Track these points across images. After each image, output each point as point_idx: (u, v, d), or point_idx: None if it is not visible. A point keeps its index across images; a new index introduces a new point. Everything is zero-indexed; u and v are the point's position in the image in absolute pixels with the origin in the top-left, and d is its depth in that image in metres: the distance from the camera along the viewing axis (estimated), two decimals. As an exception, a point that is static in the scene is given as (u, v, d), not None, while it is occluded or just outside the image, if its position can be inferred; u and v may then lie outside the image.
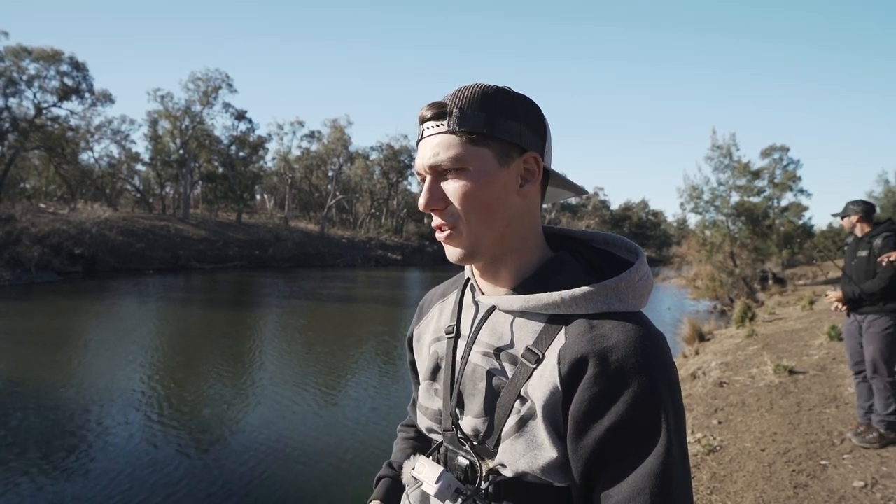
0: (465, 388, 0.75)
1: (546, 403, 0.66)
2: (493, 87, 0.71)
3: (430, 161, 0.70)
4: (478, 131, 0.69)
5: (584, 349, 0.65)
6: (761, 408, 4.57)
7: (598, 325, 0.67)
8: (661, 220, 69.30)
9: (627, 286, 0.69)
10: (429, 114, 0.72)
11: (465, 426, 0.74)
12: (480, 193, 0.69)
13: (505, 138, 0.70)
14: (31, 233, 22.16)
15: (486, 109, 0.69)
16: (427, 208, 0.72)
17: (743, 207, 19.28)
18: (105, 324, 12.73)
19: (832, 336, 6.87)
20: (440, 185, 0.71)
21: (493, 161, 0.69)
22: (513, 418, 0.69)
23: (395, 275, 32.02)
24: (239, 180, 38.59)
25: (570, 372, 0.65)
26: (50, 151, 31.55)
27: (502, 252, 0.74)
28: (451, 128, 0.69)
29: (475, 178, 0.69)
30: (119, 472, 4.95)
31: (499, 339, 0.74)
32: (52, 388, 7.37)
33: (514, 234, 0.73)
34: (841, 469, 3.27)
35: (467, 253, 0.72)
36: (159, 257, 27.56)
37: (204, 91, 37.14)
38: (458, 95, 0.71)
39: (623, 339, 0.65)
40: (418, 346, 0.92)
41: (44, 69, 29.38)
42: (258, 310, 16.48)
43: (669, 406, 0.63)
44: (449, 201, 0.71)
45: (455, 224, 0.71)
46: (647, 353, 0.64)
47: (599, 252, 0.79)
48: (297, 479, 4.95)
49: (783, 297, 16.29)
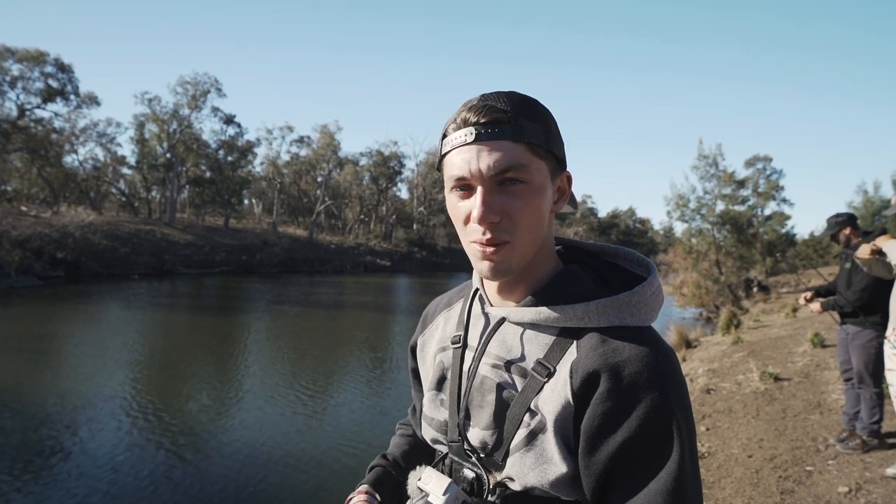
0: (472, 400, 0.75)
1: (557, 418, 0.65)
2: (534, 99, 0.69)
3: (495, 168, 0.65)
4: (541, 144, 0.66)
5: (597, 363, 0.64)
6: (748, 414, 4.62)
7: (611, 340, 0.66)
8: (648, 227, 69.96)
9: (640, 301, 0.69)
10: (484, 118, 0.65)
11: (472, 438, 0.73)
12: (537, 209, 0.67)
13: (557, 154, 0.69)
14: (11, 236, 21.72)
15: (542, 122, 0.67)
16: (484, 221, 0.66)
17: (728, 216, 19.56)
18: (88, 329, 12.50)
19: (815, 343, 6.98)
20: (497, 196, 0.66)
21: (547, 175, 0.68)
22: (522, 431, 0.68)
23: (383, 281, 31.91)
24: (227, 185, 38.26)
25: (583, 386, 0.64)
26: (33, 154, 31.00)
27: (527, 267, 0.73)
28: (515, 136, 0.65)
29: (536, 192, 0.67)
30: (102, 480, 4.85)
31: (508, 352, 0.73)
32: (33, 395, 7.21)
33: (541, 249, 0.73)
34: (826, 475, 3.32)
35: (513, 269, 0.69)
36: (144, 262, 27.17)
37: (192, 95, 36.85)
38: (511, 101, 0.66)
39: (636, 354, 0.64)
40: (422, 354, 0.91)
41: (28, 70, 29.01)
42: (245, 316, 16.30)
43: (682, 421, 0.62)
44: (505, 214, 0.66)
45: (507, 239, 0.67)
46: (660, 369, 0.63)
47: (609, 265, 0.78)
48: (285, 485, 4.89)
49: (767, 305, 16.52)
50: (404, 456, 0.96)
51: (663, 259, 27.01)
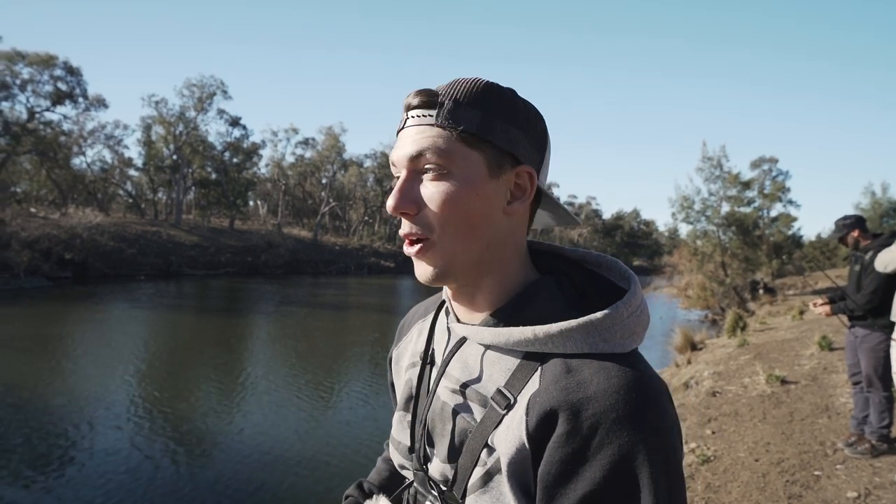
0: (434, 427, 0.66)
1: (512, 460, 0.56)
2: (496, 85, 0.61)
3: (410, 152, 0.60)
4: (471, 131, 0.58)
5: (556, 400, 0.54)
6: (754, 417, 4.60)
7: (577, 370, 0.55)
8: (653, 229, 69.75)
9: (614, 323, 0.57)
10: (416, 101, 0.61)
11: (432, 469, 0.65)
12: (462, 203, 0.59)
13: (500, 144, 0.59)
14: (20, 237, 21.90)
15: (485, 108, 0.59)
16: (396, 211, 0.60)
17: (733, 218, 19.49)
18: (95, 330, 12.59)
19: (823, 346, 6.94)
20: (416, 185, 0.61)
21: (482, 168, 0.59)
22: (479, 469, 0.59)
23: (387, 282, 31.95)
24: (232, 186, 38.44)
25: (539, 426, 0.54)
26: (42, 156, 31.25)
27: (478, 275, 0.63)
28: (439, 120, 0.59)
29: (459, 184, 0.58)
30: (108, 481, 4.88)
31: (469, 375, 0.64)
32: (41, 395, 7.27)
33: (493, 257, 0.63)
34: (834, 479, 3.30)
35: (439, 273, 0.61)
36: (151, 263, 27.33)
37: (198, 97, 37.09)
38: (455, 86, 0.60)
39: (603, 389, 0.53)
40: (397, 368, 0.83)
41: (37, 74, 29.18)
42: (250, 317, 16.37)
43: (659, 471, 0.51)
44: (423, 206, 0.60)
45: (427, 235, 0.60)
46: (633, 406, 0.52)
47: (591, 275, 0.67)
48: (288, 487, 4.90)
49: (773, 307, 16.43)
50: (382, 484, 0.86)
51: (668, 261, 26.92)
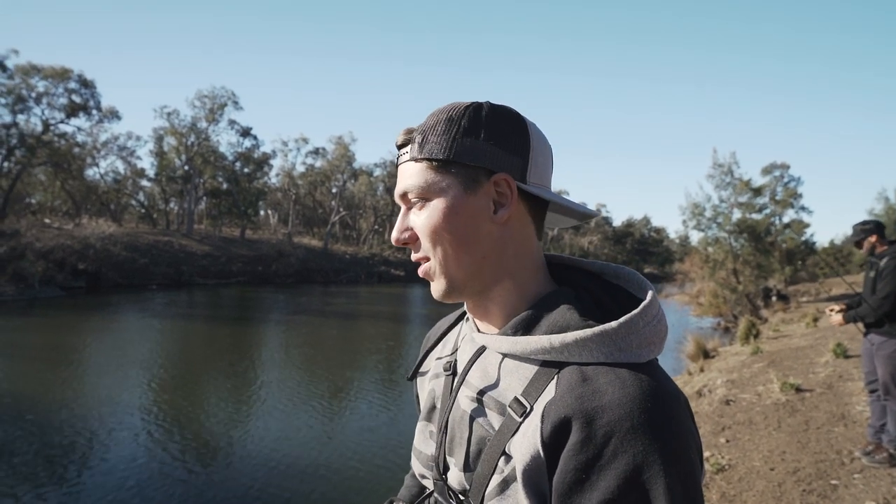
0: (454, 435, 0.67)
1: (527, 468, 0.56)
2: (462, 106, 0.65)
3: (399, 191, 0.67)
4: (439, 157, 0.63)
5: (571, 408, 0.54)
6: (769, 426, 4.54)
7: (593, 379, 0.56)
8: (664, 236, 69.32)
9: (630, 332, 0.58)
10: (399, 140, 0.67)
11: (451, 478, 0.66)
12: (445, 225, 0.63)
13: (469, 162, 0.63)
14: (35, 248, 22.26)
15: (449, 132, 0.63)
16: (397, 242, 0.67)
17: (745, 224, 19.31)
18: (109, 339, 12.72)
19: (838, 354, 6.84)
20: (409, 217, 0.67)
21: (457, 188, 0.63)
22: (496, 477, 0.59)
23: (398, 291, 31.98)
24: (243, 196, 38.80)
25: (553, 434, 0.55)
26: (56, 167, 31.81)
27: (486, 286, 0.66)
28: (412, 155, 0.65)
29: (438, 209, 0.63)
30: (122, 489, 4.92)
31: (489, 384, 0.65)
32: (55, 403, 7.35)
33: (496, 266, 0.65)
34: (852, 489, 3.24)
35: (446, 290, 0.66)
36: (163, 273, 27.61)
37: (210, 108, 37.57)
38: (426, 120, 0.66)
39: (618, 399, 0.53)
40: (421, 381, 0.84)
41: (52, 86, 29.78)
42: (262, 326, 16.46)
43: (675, 482, 0.51)
44: (414, 231, 0.66)
45: (427, 255, 0.66)
46: (648, 415, 0.52)
47: (609, 287, 0.68)
48: (302, 495, 4.91)
49: (787, 314, 16.22)
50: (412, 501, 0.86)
51: (679, 268, 26.72)
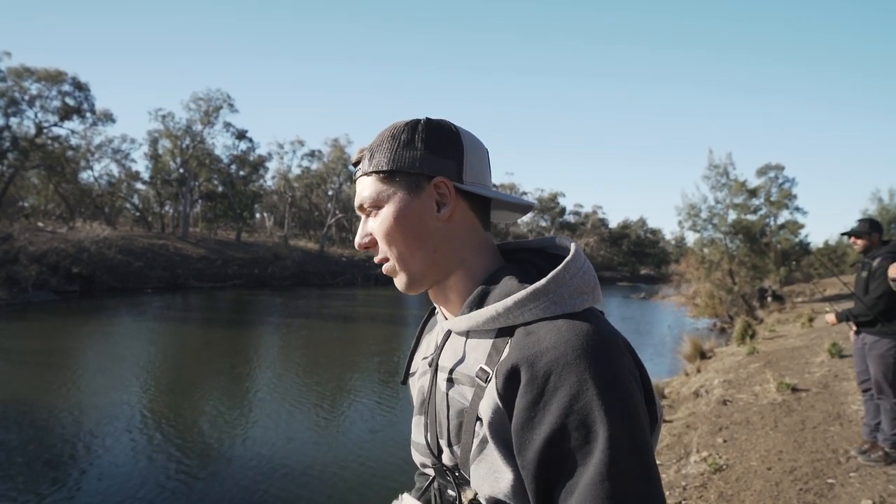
0: (440, 418, 0.74)
1: (491, 422, 0.63)
2: (402, 124, 0.75)
3: (356, 204, 0.77)
4: (383, 170, 0.73)
5: (517, 358, 0.62)
6: (766, 426, 4.56)
7: (534, 331, 0.63)
8: (660, 237, 69.44)
9: (559, 285, 0.65)
10: (354, 159, 0.78)
11: (445, 458, 0.73)
12: (396, 226, 0.72)
13: (409, 170, 0.72)
14: (28, 251, 22.11)
15: (393, 147, 0.73)
16: (360, 247, 0.77)
17: (740, 225, 19.41)
18: (102, 343, 12.64)
19: (833, 353, 6.88)
20: (368, 224, 0.77)
21: (403, 194, 0.73)
22: (475, 441, 0.66)
23: (394, 293, 31.88)
24: (238, 199, 38.65)
25: (505, 385, 0.62)
26: (50, 170, 31.57)
27: (441, 275, 0.75)
28: (364, 170, 0.75)
29: (389, 214, 0.73)
30: (117, 493, 4.88)
31: (458, 363, 0.73)
32: (49, 408, 7.29)
33: (448, 257, 0.74)
34: (848, 487, 3.25)
35: (407, 283, 0.75)
36: (158, 276, 27.47)
37: (205, 111, 37.39)
38: (376, 138, 0.76)
39: (555, 341, 0.60)
40: (412, 381, 0.91)
41: (46, 89, 29.56)
42: (258, 329, 16.40)
43: (613, 405, 0.57)
44: (372, 236, 0.76)
45: (387, 256, 0.75)
46: (581, 351, 0.59)
47: (553, 258, 0.75)
48: (300, 499, 4.88)
49: (782, 315, 16.29)
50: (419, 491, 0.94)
51: (675, 269, 26.77)
